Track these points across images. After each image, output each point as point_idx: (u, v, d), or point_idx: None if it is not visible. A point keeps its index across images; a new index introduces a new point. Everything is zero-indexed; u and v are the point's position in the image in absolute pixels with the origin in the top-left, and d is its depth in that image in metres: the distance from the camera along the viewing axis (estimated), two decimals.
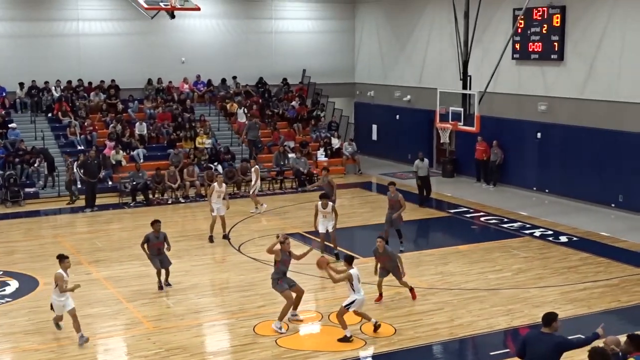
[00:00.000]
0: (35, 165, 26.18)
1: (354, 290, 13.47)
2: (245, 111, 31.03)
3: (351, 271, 13.46)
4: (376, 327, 13.69)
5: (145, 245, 16.04)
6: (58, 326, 13.58)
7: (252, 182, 24.13)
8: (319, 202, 18.38)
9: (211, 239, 20.10)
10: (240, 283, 16.67)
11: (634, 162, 22.74)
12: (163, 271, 16.20)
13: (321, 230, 18.42)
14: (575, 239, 20.30)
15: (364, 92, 35.36)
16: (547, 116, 25.77)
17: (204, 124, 30.02)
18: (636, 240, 19.93)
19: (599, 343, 9.37)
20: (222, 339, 13.86)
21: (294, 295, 14.15)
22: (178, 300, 15.56)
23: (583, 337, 9.90)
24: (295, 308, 14.35)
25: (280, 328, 13.82)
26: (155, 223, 16.15)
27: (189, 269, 17.81)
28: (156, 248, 16.04)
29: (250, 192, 24.14)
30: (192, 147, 28.87)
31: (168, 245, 16.30)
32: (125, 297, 15.63)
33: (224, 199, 20.57)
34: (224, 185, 20.74)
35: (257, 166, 24.69)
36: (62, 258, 13.51)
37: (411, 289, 15.45)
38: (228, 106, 31.77)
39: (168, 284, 16.31)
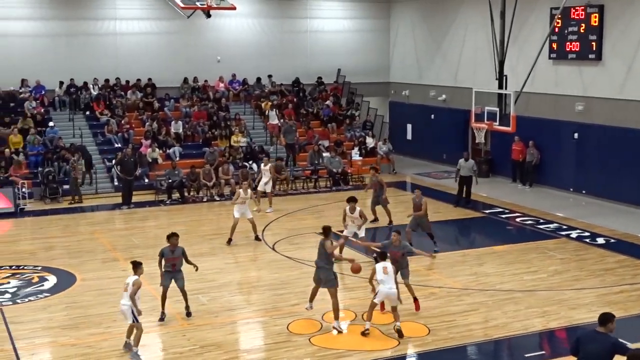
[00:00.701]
0: (74, 160, 26.47)
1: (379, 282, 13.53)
2: (277, 112, 31.05)
3: (375, 265, 13.73)
4: (398, 332, 13.45)
5: (162, 261, 14.45)
6: (129, 347, 12.86)
7: (262, 180, 24.32)
8: (347, 207, 18.28)
9: (229, 242, 19.99)
10: (274, 281, 16.73)
11: None
12: (177, 297, 14.44)
13: (347, 233, 18.26)
14: (612, 240, 20.05)
15: (398, 91, 35.26)
16: (584, 116, 25.48)
17: (239, 122, 30.18)
18: None
19: None
20: (255, 336, 13.93)
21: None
22: (212, 297, 15.67)
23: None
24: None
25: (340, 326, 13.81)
26: (172, 237, 14.52)
27: (223, 266, 17.93)
28: (171, 264, 14.41)
29: (258, 189, 24.21)
30: (227, 145, 29.04)
31: (188, 262, 14.61)
32: (160, 294, 15.71)
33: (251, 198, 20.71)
34: (249, 191, 20.62)
35: (270, 164, 24.87)
36: (138, 265, 13.07)
37: (415, 299, 14.69)
38: (263, 105, 31.90)
39: (189, 314, 14.45)
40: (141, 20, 31.41)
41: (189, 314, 14.51)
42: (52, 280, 16.87)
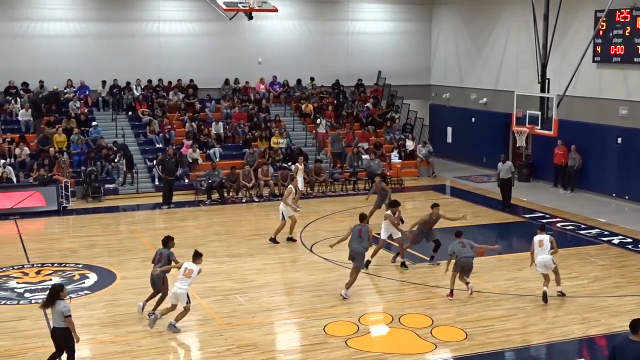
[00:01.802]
0: (116, 160, 26.88)
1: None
2: (328, 123, 31.04)
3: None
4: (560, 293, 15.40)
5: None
6: (154, 320, 13.81)
7: (300, 180, 24.66)
8: (389, 211, 18.11)
9: (274, 240, 20.19)
10: (311, 283, 16.76)
11: None
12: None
13: (383, 236, 18.14)
14: None
15: (439, 94, 35.09)
16: (628, 121, 25.10)
17: (279, 124, 30.30)
18: None
19: None
20: (292, 337, 13.97)
21: None
22: (250, 298, 15.75)
23: None
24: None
25: None
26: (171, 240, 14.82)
27: (261, 267, 18.01)
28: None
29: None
30: (267, 146, 29.17)
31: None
32: (198, 293, 15.88)
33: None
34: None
35: (301, 166, 25.27)
36: (199, 255, 14.16)
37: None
38: (303, 107, 31.98)
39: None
40: (184, 22, 31.71)
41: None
42: (92, 278, 17.12)
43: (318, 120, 30.80)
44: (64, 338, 11.60)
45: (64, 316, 11.48)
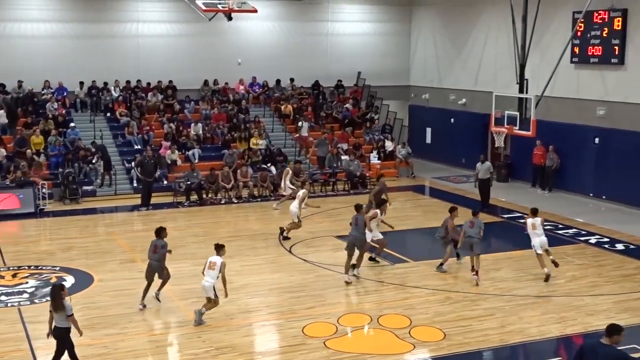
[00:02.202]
0: (94, 162, 26.69)
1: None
2: (310, 125, 30.95)
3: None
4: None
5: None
6: (200, 315, 14.18)
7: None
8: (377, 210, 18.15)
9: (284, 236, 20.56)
10: (290, 284, 16.73)
11: None
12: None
13: (368, 238, 18.00)
14: (632, 247, 19.88)
15: (418, 95, 35.19)
16: (605, 121, 25.29)
17: (259, 125, 30.24)
18: None
19: None
20: (271, 339, 13.94)
21: None
22: (229, 299, 15.57)
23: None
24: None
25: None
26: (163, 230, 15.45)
27: (240, 269, 17.95)
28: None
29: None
30: (246, 148, 29.10)
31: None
32: (177, 295, 15.82)
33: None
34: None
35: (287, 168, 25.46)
36: (221, 247, 14.37)
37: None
38: (282, 108, 31.94)
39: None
40: (162, 23, 31.57)
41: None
42: (69, 280, 16.97)
43: (300, 123, 30.73)
44: (64, 338, 11.66)
45: (66, 315, 11.53)
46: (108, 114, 30.00)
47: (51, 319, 11.75)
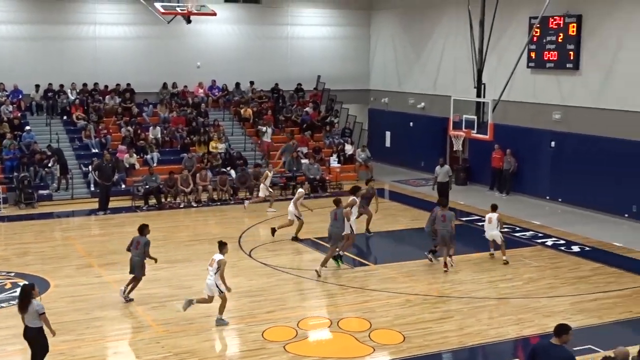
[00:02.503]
0: (50, 165, 26.32)
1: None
2: (273, 131, 30.75)
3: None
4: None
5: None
6: (189, 304, 14.39)
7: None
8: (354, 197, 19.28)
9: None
10: (250, 288, 16.66)
11: None
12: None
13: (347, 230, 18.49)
14: (587, 248, 20.19)
15: (378, 98, 35.35)
16: (561, 125, 25.67)
17: (218, 128, 30.09)
18: None
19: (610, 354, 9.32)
20: (230, 343, 13.87)
21: None
22: None
23: None
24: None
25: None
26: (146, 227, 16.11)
27: (199, 273, 17.76)
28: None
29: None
30: (206, 151, 28.94)
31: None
32: (135, 300, 15.65)
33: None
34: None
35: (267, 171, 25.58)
36: (223, 245, 14.65)
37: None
38: (242, 111, 31.84)
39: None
40: (121, 25, 31.27)
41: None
42: None
43: (264, 129, 30.56)
44: (36, 338, 11.60)
45: (38, 315, 11.47)
46: (64, 117, 29.61)
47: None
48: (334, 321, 14.52)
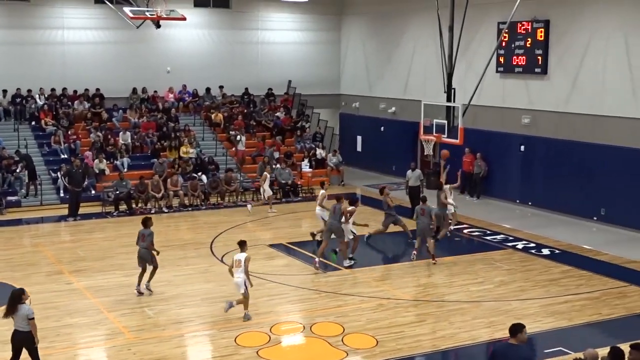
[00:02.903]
0: (17, 171, 26.00)
1: None
2: (244, 140, 30.49)
3: None
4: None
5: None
6: (230, 305, 14.88)
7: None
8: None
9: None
10: (222, 294, 16.57)
11: (616, 175, 22.90)
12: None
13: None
14: (557, 251, 20.39)
15: (349, 103, 35.43)
16: (530, 129, 25.93)
17: (189, 133, 29.96)
18: (617, 254, 20.03)
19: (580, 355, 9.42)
20: (203, 349, 13.79)
21: None
22: (160, 310, 15.48)
23: None
24: None
25: None
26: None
27: (171, 279, 17.73)
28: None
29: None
30: (177, 156, 28.79)
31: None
32: (106, 307, 15.54)
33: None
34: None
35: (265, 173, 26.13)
36: (244, 243, 15.20)
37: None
38: (213, 116, 31.73)
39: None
40: (90, 30, 31.01)
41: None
42: None
43: (238, 137, 30.39)
44: (27, 341, 11.58)
45: (27, 319, 11.46)
46: (33, 123, 29.28)
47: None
48: (306, 326, 14.51)
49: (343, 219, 18.52)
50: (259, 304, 15.86)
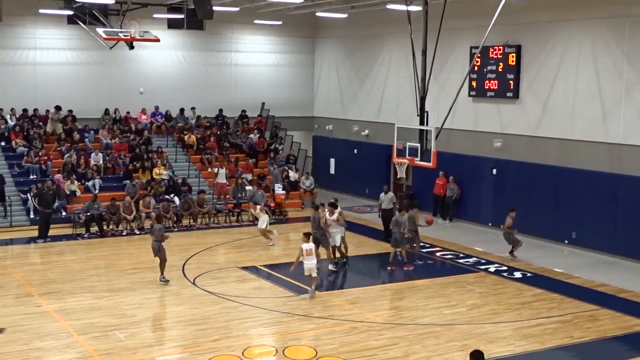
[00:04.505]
0: None
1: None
2: (227, 172, 29.91)
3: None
4: None
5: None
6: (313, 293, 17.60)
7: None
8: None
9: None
10: (194, 316, 16.44)
11: (587, 199, 23.14)
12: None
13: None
14: (529, 274, 20.49)
15: (322, 126, 35.52)
16: (502, 152, 26.15)
17: (162, 155, 29.82)
18: (589, 277, 20.17)
19: None
20: None
21: None
22: (131, 333, 15.30)
23: None
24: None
25: None
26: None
27: (142, 301, 17.55)
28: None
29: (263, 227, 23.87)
30: (149, 178, 28.62)
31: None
32: (76, 330, 15.32)
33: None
34: (335, 213, 20.82)
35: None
36: (309, 234, 18.19)
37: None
38: (186, 138, 31.63)
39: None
40: (62, 50, 30.85)
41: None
42: None
43: (216, 170, 29.83)
44: None
45: None
46: (3, 143, 28.97)
47: None
48: (279, 349, 14.41)
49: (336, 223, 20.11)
50: (232, 327, 15.74)
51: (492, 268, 21.08)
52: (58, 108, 29.98)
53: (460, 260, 22.08)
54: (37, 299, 17.55)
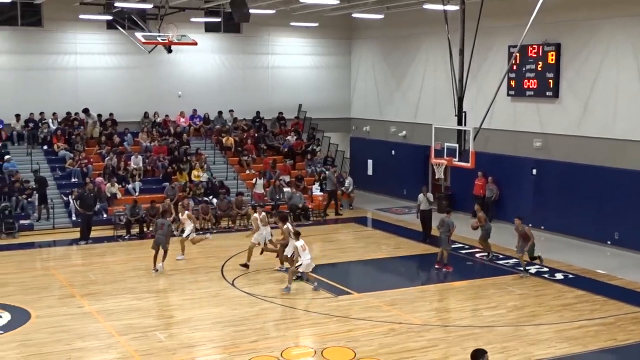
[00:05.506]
0: (25, 194, 26.04)
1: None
2: (264, 182, 29.41)
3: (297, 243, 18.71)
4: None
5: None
6: (316, 286, 18.39)
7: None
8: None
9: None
10: (233, 317, 16.52)
11: (630, 199, 22.77)
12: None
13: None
14: (571, 276, 20.23)
15: (359, 127, 35.46)
16: (542, 152, 25.85)
17: (200, 157, 30.03)
18: (632, 279, 19.85)
19: None
20: None
21: None
22: (170, 334, 15.42)
23: None
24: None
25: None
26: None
27: (182, 302, 17.69)
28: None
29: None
30: (188, 180, 28.84)
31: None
32: (117, 330, 15.48)
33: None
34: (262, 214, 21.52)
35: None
36: (298, 234, 18.97)
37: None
38: (224, 140, 31.81)
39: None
40: (102, 55, 31.22)
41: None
42: (5, 317, 16.46)
43: (254, 180, 29.44)
44: None
45: None
46: (45, 147, 29.43)
47: None
48: (317, 350, 14.41)
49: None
50: (270, 327, 15.80)
51: (532, 269, 20.82)
52: (86, 111, 30.37)
53: (500, 262, 21.87)
54: (79, 300, 17.78)
